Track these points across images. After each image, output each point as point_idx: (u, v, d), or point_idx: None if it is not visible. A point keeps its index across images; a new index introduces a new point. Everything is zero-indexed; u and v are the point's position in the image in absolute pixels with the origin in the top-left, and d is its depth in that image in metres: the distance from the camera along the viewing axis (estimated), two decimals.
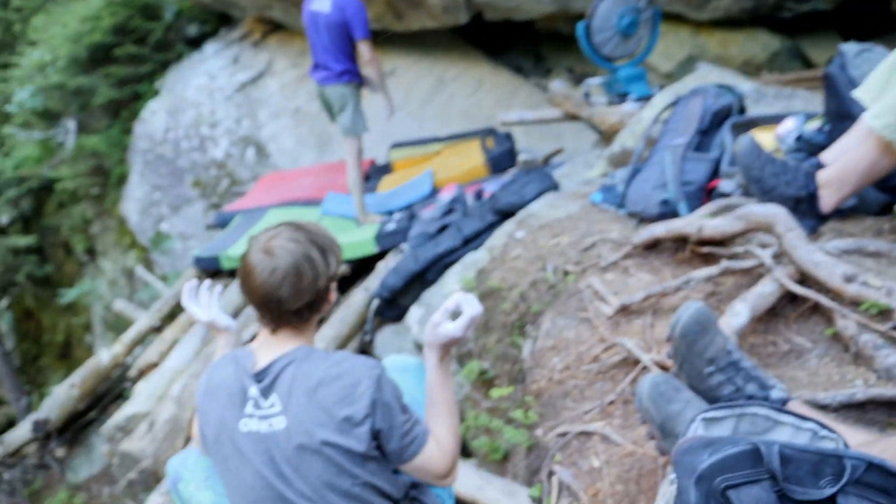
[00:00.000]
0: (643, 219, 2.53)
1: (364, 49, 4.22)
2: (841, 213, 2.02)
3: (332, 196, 5.30)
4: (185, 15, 9.48)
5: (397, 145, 6.24)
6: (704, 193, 2.45)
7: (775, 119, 2.48)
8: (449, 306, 1.34)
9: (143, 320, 5.13)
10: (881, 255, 1.65)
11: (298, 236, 1.30)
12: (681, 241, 2.00)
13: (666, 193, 2.47)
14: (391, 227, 4.13)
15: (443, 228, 3.51)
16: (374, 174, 5.99)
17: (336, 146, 7.44)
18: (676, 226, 1.98)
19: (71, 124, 8.80)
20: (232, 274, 4.63)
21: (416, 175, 5.23)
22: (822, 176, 1.76)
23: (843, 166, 1.73)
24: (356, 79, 4.35)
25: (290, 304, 1.30)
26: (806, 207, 1.76)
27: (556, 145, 5.66)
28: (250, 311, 3.92)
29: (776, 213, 1.63)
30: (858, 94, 1.79)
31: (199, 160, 7.99)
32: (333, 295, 1.40)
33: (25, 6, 10.41)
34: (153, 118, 8.38)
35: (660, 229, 2.03)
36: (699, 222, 1.90)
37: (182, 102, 8.37)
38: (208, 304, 1.60)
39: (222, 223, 5.66)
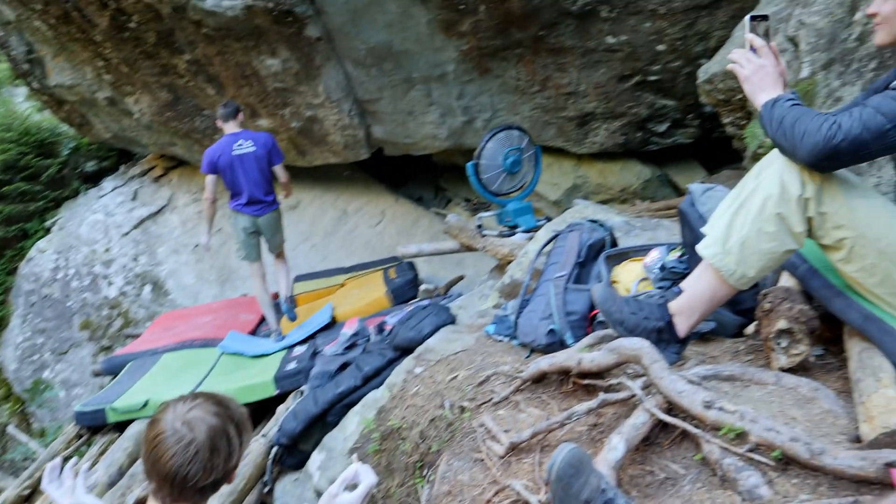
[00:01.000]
0: (534, 349, 2.64)
1: (282, 171, 5.04)
2: (701, 336, 2.20)
3: (232, 335, 5.18)
4: (82, 151, 9.38)
5: (301, 278, 6.25)
6: (587, 322, 2.59)
7: (643, 249, 2.70)
8: (347, 476, 1.34)
9: (10, 490, 4.53)
10: (735, 379, 1.79)
11: (219, 410, 1.26)
12: (564, 374, 2.10)
13: (552, 324, 2.59)
14: (291, 367, 4.06)
15: (343, 366, 3.49)
16: (276, 309, 5.93)
17: (238, 281, 7.36)
18: (559, 360, 2.08)
19: None
20: (120, 428, 4.31)
21: (319, 309, 5.23)
22: (673, 305, 1.93)
23: (689, 295, 1.92)
24: (277, 203, 5.04)
25: (198, 480, 1.23)
26: (667, 336, 1.91)
27: (458, 272, 5.86)
28: (137, 471, 3.64)
29: (641, 346, 1.75)
30: (705, 229, 2.00)
31: (90, 300, 7.65)
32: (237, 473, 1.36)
33: None
34: (41, 257, 8.05)
35: (544, 363, 2.12)
36: (578, 356, 2.01)
37: (74, 240, 8.11)
38: (72, 488, 1.48)
39: (111, 370, 5.32)
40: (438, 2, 5.05)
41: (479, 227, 4.12)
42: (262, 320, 5.62)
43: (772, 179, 1.74)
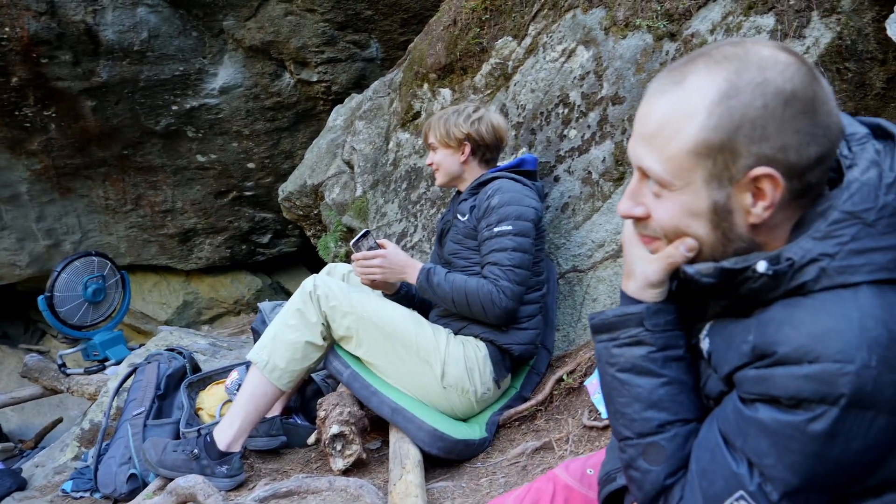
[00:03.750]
0: (116, 500, 2.42)
1: None
2: (278, 452, 2.29)
3: None
4: None
5: None
6: None
7: (226, 371, 2.73)
8: None
9: None
10: (293, 493, 1.90)
11: None
12: None
13: (133, 468, 2.43)
14: None
15: None
16: None
17: None
18: None
19: None
20: None
21: None
22: (218, 424, 2.05)
23: (233, 403, 2.06)
24: None
25: None
26: (206, 458, 1.99)
27: (56, 415, 5.11)
28: None
29: (195, 484, 1.75)
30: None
31: None
32: None
33: None
34: None
35: None
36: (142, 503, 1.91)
37: None
38: None
39: None
40: (1, 119, 4.56)
41: (62, 365, 3.69)
42: None
43: (298, 290, 2.08)
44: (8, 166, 4.87)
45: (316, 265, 6.29)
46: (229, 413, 2.05)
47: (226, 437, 2.02)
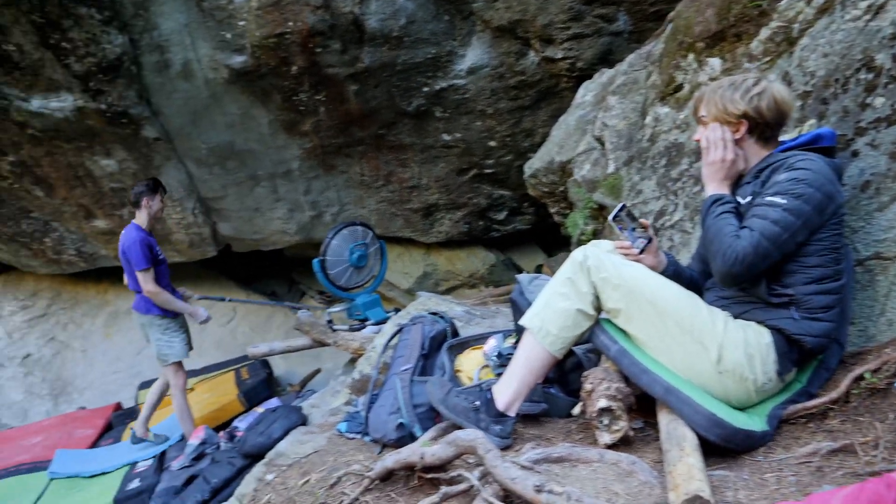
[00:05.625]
0: (385, 444, 2.66)
1: (139, 279, 4.14)
2: (537, 419, 2.34)
3: (61, 454, 4.70)
4: None
5: (146, 385, 5.86)
6: (435, 413, 2.66)
7: (482, 338, 2.85)
8: None
9: None
10: (564, 460, 1.93)
11: None
12: (410, 470, 2.13)
13: (401, 418, 2.64)
14: (134, 485, 3.76)
15: (190, 479, 3.29)
16: (117, 421, 5.48)
17: (75, 393, 6.75)
18: (403, 456, 2.12)
19: None
20: None
21: (166, 418, 4.90)
22: (495, 384, 2.10)
23: (508, 367, 2.10)
24: (154, 310, 4.25)
25: None
26: (485, 413, 2.06)
27: (315, 366, 5.76)
28: None
29: (475, 437, 1.85)
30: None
31: None
32: None
33: None
34: None
35: (389, 461, 2.15)
36: (421, 450, 2.06)
37: None
38: None
39: None
40: (279, 103, 5.19)
41: (330, 322, 4.13)
42: (102, 434, 5.16)
43: (568, 259, 2.11)
44: (285, 145, 5.54)
45: (547, 244, 6.34)
46: (506, 375, 2.13)
47: (504, 397, 2.10)
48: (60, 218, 6.31)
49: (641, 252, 2.08)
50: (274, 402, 3.96)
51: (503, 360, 2.61)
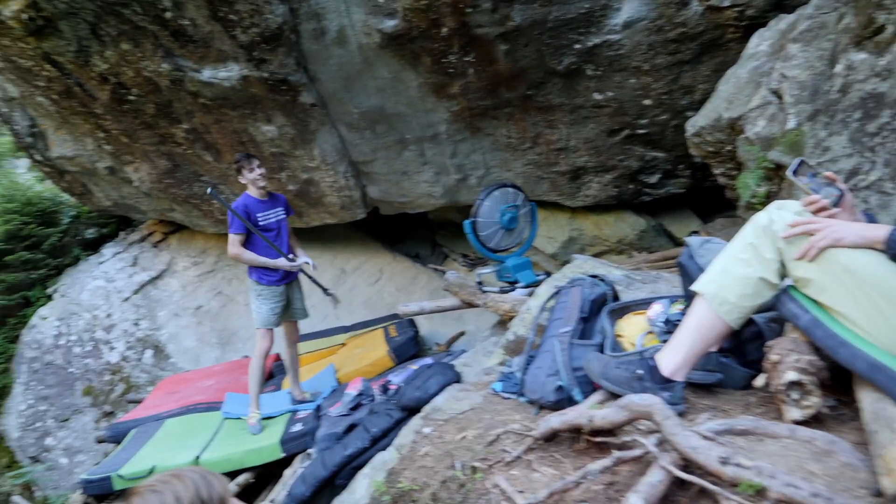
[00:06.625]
0: (542, 406, 2.63)
1: (229, 241, 4.39)
2: (710, 389, 2.21)
3: (231, 397, 5.14)
4: (82, 218, 9.48)
5: (301, 338, 6.23)
6: None
7: (645, 303, 2.73)
8: None
9: None
10: (749, 433, 1.80)
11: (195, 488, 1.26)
12: (576, 432, 2.09)
13: (559, 380, 2.60)
14: (297, 428, 4.03)
15: (350, 427, 3.47)
16: (277, 370, 5.90)
17: (239, 343, 7.33)
18: (570, 417, 2.08)
19: None
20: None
21: (321, 370, 5.20)
22: (661, 349, 1.99)
23: (677, 332, 1.98)
24: (253, 275, 4.49)
25: None
26: (649, 380, 1.96)
27: (458, 328, 5.86)
28: None
29: (652, 402, 1.76)
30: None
31: (91, 366, 7.61)
32: None
33: None
34: (43, 324, 8.03)
35: (555, 421, 2.12)
36: (590, 413, 2.01)
37: (76, 306, 8.11)
38: None
39: (115, 437, 5.29)
40: (428, 66, 5.21)
41: (480, 283, 4.15)
42: (265, 381, 5.58)
43: (749, 223, 1.94)
44: (433, 108, 5.59)
45: (703, 209, 5.98)
46: (673, 341, 2.03)
47: (670, 363, 2.01)
48: (227, 181, 6.80)
49: (836, 206, 1.87)
50: (427, 360, 4.06)
51: (670, 326, 2.49)
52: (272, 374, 5.87)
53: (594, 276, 2.86)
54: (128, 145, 6.69)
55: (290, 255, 4.42)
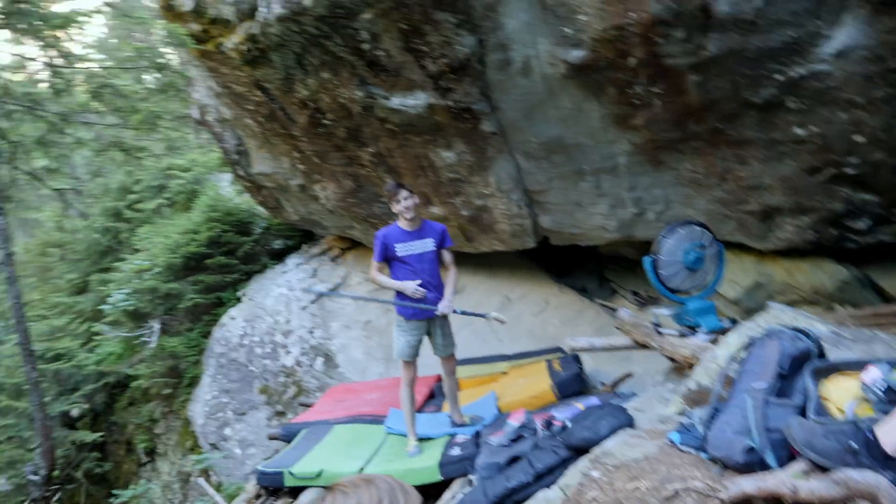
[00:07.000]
0: (727, 466, 2.42)
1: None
2: None
3: (395, 413, 5.29)
4: (271, 230, 10.40)
5: (463, 362, 6.29)
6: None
7: (857, 365, 2.42)
8: None
9: None
10: None
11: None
12: (774, 502, 1.89)
13: (750, 441, 2.38)
14: (455, 452, 4.04)
15: (513, 459, 3.41)
16: (438, 391, 6.00)
17: None
18: (768, 485, 1.88)
19: (156, 325, 9.32)
20: (293, 493, 4.53)
21: (481, 396, 5.20)
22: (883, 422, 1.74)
23: None
24: (397, 307, 4.64)
25: None
26: (865, 454, 1.70)
27: (624, 369, 5.60)
28: None
29: (879, 483, 1.54)
30: None
31: (269, 366, 8.24)
32: None
33: (135, 218, 11.65)
34: (232, 323, 8.84)
35: (749, 486, 1.93)
36: (792, 483, 1.81)
37: (261, 310, 8.85)
38: None
39: (287, 436, 5.66)
40: (612, 97, 5.09)
41: (656, 324, 3.94)
42: (426, 401, 5.69)
43: None
44: (614, 140, 5.45)
45: None
46: None
47: (893, 437, 1.75)
48: None
49: None
50: (594, 400, 3.92)
51: (892, 395, 2.18)
52: (433, 394, 5.98)
53: (797, 329, 2.59)
54: (318, 165, 7.24)
55: (421, 284, 4.45)
